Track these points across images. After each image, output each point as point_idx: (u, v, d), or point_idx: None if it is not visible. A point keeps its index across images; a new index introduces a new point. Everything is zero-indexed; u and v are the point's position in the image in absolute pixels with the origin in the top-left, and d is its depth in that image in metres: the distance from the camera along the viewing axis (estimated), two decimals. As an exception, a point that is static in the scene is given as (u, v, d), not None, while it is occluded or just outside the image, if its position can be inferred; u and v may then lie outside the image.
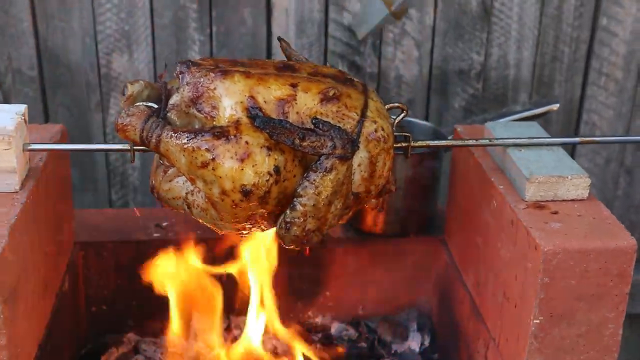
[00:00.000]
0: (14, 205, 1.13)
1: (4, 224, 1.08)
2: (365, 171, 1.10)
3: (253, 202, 1.05)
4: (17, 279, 1.10)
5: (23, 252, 1.13)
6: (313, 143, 1.03)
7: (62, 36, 1.73)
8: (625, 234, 1.12)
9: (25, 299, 1.15)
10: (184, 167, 1.05)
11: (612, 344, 1.16)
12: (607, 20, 1.83)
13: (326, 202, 1.06)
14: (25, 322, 1.15)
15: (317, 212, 1.06)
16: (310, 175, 1.05)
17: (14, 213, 1.11)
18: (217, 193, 1.04)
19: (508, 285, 1.21)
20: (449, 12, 1.79)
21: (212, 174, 1.03)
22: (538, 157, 1.24)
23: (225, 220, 1.08)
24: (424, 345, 1.57)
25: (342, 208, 1.10)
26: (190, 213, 1.12)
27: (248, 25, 1.76)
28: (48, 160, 1.26)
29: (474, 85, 1.86)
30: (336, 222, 1.13)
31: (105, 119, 1.80)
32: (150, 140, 1.06)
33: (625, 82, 1.88)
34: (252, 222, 1.09)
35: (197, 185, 1.06)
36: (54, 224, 1.32)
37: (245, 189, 1.03)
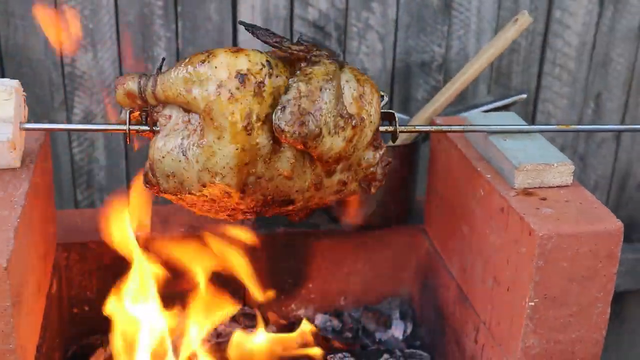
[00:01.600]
0: (14, 208, 1.13)
1: (9, 228, 1.08)
2: (354, 89, 1.17)
3: (249, 92, 1.09)
4: (21, 283, 1.11)
5: (24, 255, 1.14)
6: (300, 47, 1.14)
7: (24, 35, 1.71)
8: (612, 218, 1.20)
9: (27, 301, 1.15)
10: (181, 88, 1.11)
11: (601, 322, 1.24)
12: (560, 12, 1.92)
13: (318, 87, 1.11)
14: (27, 324, 1.16)
15: (310, 95, 1.11)
16: (301, 66, 1.15)
17: (16, 216, 1.11)
18: (213, 90, 1.09)
19: (499, 270, 1.27)
20: (411, 6, 1.85)
21: (208, 68, 1.10)
22: (523, 146, 1.31)
23: (224, 138, 1.10)
24: (407, 333, 1.63)
25: (337, 115, 1.13)
26: (187, 161, 1.13)
27: (214, 21, 1.78)
28: (37, 161, 1.26)
29: (436, 77, 1.92)
30: (333, 194, 1.21)
31: (70, 117, 1.79)
32: (147, 85, 1.13)
33: (578, 72, 1.98)
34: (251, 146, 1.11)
35: (193, 103, 1.10)
36: (43, 224, 1.32)
37: (241, 73, 1.09)
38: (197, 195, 1.15)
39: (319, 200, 1.22)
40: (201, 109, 1.10)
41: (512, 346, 1.24)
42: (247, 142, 1.10)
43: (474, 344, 1.39)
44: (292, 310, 1.66)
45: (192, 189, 1.15)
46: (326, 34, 1.83)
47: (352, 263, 1.63)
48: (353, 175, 1.21)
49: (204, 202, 1.17)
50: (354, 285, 1.66)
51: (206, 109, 1.10)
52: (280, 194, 1.17)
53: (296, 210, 1.23)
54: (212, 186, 1.13)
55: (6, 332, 1.05)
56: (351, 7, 1.82)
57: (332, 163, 1.17)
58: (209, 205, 1.18)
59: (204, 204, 1.18)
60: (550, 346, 1.23)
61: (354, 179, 1.22)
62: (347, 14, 1.82)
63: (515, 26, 1.47)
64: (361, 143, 1.19)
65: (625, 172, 2.12)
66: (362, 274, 1.65)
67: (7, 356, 1.06)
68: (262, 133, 1.11)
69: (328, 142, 1.13)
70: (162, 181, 1.16)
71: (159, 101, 1.15)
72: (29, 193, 1.17)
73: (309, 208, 1.24)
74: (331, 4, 1.81)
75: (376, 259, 1.65)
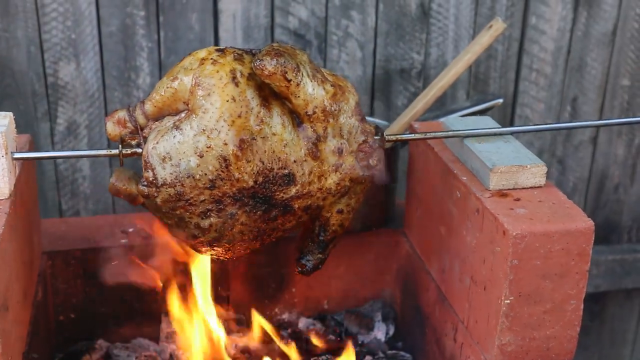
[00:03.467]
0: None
1: (-6, 235, 1.11)
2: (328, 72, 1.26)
3: (230, 57, 1.18)
4: (6, 289, 1.13)
5: (9, 262, 1.16)
6: None
7: (6, 46, 1.73)
8: (583, 217, 1.24)
9: (12, 308, 1.18)
10: (166, 85, 1.18)
11: (574, 319, 1.27)
12: (535, 19, 1.97)
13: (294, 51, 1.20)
14: (13, 331, 1.18)
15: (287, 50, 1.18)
16: None
17: (1, 223, 1.14)
18: (196, 65, 1.17)
19: (476, 270, 1.31)
20: (390, 14, 1.89)
21: (188, 58, 1.19)
22: (497, 149, 1.35)
23: (214, 93, 1.15)
24: (389, 335, 1.66)
25: (314, 69, 1.21)
26: (180, 132, 1.16)
27: (195, 30, 1.81)
28: (22, 170, 1.29)
29: (415, 83, 1.96)
30: (333, 172, 1.24)
31: (53, 128, 1.81)
32: (135, 107, 1.20)
33: (554, 76, 2.03)
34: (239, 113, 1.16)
35: (180, 87, 1.17)
36: (28, 233, 1.35)
37: (219, 49, 1.19)
38: (195, 171, 1.15)
39: (319, 183, 1.23)
40: (188, 88, 1.16)
41: (489, 344, 1.28)
42: (236, 94, 1.15)
43: (453, 343, 1.42)
44: (276, 315, 1.69)
45: (190, 165, 1.15)
46: (307, 42, 1.87)
47: (334, 267, 1.66)
48: (347, 146, 1.24)
49: (202, 191, 1.17)
50: (336, 289, 1.69)
51: (193, 84, 1.15)
52: (278, 162, 1.19)
53: (299, 202, 1.23)
54: (209, 151, 1.15)
55: (-8, 339, 1.08)
56: (331, 16, 1.86)
57: (320, 119, 1.21)
58: (209, 203, 1.18)
59: (204, 199, 1.18)
60: (525, 343, 1.26)
61: (348, 152, 1.25)
62: (327, 22, 1.87)
63: (489, 32, 1.51)
64: (347, 106, 1.23)
65: (602, 175, 2.16)
66: (344, 277, 1.69)
67: (-7, 362, 1.09)
68: (249, 88, 1.17)
69: (309, 85, 1.18)
70: (159, 170, 1.16)
71: (148, 117, 1.20)
72: (12, 202, 1.20)
73: (310, 197, 1.24)
74: (311, 12, 1.85)
75: (358, 262, 1.68)
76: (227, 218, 1.20)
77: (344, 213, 1.30)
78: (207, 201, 1.18)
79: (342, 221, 1.31)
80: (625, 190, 2.20)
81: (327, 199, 1.26)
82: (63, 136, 1.82)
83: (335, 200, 1.27)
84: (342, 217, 1.30)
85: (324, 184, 1.24)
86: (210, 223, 1.20)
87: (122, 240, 1.57)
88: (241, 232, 1.22)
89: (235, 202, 1.19)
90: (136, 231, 1.59)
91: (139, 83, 1.82)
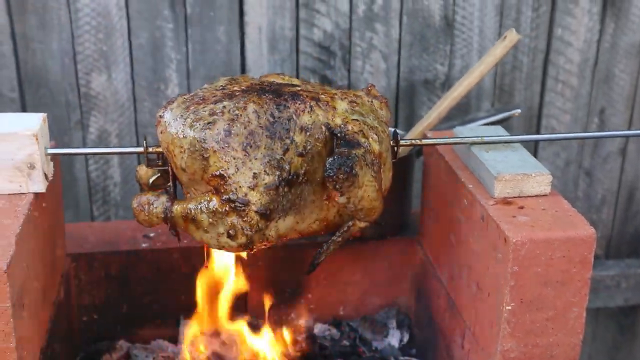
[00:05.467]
0: (17, 217, 1.22)
1: (10, 234, 1.17)
2: None
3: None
4: (22, 287, 1.19)
5: (26, 261, 1.22)
6: None
7: (42, 57, 1.81)
8: (585, 225, 1.25)
9: (28, 306, 1.23)
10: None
11: (577, 326, 1.28)
12: (561, 30, 1.98)
13: None
14: (29, 327, 1.24)
15: None
16: None
17: (19, 224, 1.20)
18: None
19: (481, 276, 1.33)
20: (414, 26, 1.92)
21: None
22: (504, 157, 1.36)
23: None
24: (403, 342, 1.68)
25: None
26: None
27: (222, 43, 1.87)
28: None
29: (439, 94, 1.98)
30: None
31: (85, 137, 1.89)
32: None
33: (581, 88, 2.03)
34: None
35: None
36: (50, 235, 1.41)
37: None
38: None
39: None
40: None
41: (492, 350, 1.29)
42: None
43: (461, 349, 1.44)
44: (292, 320, 1.72)
45: None
46: (331, 53, 1.91)
47: (349, 274, 1.69)
48: None
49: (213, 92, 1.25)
50: (352, 295, 1.72)
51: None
52: None
53: (305, 92, 1.26)
54: None
55: (6, 332, 1.13)
56: (355, 28, 1.90)
57: None
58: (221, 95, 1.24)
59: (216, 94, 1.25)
60: (528, 350, 1.27)
61: None
62: (351, 34, 1.90)
63: (504, 43, 1.53)
64: None
65: (632, 186, 2.15)
66: (360, 284, 1.71)
67: (7, 354, 1.14)
68: None
69: None
70: None
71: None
72: (32, 203, 1.27)
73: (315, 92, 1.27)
74: (336, 24, 1.89)
75: (373, 269, 1.71)
76: (239, 99, 1.22)
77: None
78: (218, 95, 1.25)
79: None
80: (656, 203, 2.18)
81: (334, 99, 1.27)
82: (94, 144, 1.89)
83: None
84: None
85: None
86: (224, 105, 1.21)
87: (143, 244, 1.62)
88: (255, 112, 1.20)
89: (244, 93, 1.24)
90: (157, 236, 1.64)
91: (167, 94, 1.88)
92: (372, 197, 1.23)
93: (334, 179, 1.20)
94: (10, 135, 1.26)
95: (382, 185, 1.25)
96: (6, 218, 1.21)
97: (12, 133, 1.26)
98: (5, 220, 1.20)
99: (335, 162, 1.19)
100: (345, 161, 1.19)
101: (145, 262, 1.60)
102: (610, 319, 2.26)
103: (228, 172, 1.18)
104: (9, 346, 1.14)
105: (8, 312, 1.13)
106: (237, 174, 1.18)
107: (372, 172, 1.21)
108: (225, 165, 1.18)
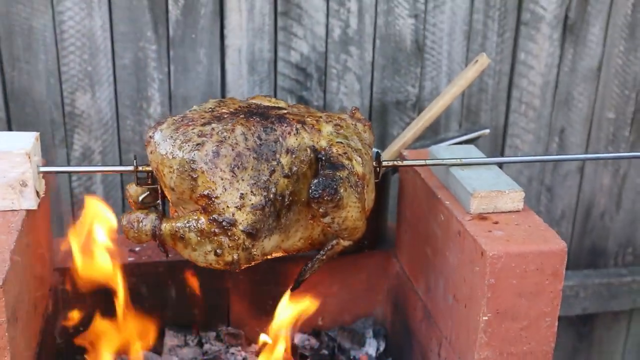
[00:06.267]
0: (10, 232, 1.20)
1: (5, 250, 1.15)
2: None
3: None
4: (16, 300, 1.17)
5: (20, 276, 1.20)
6: None
7: (28, 77, 1.79)
8: (557, 239, 1.27)
9: (21, 319, 1.21)
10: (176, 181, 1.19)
11: (549, 335, 1.30)
12: (524, 55, 2.01)
13: None
14: (22, 340, 1.22)
15: None
16: None
17: (12, 240, 1.18)
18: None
19: (458, 288, 1.34)
20: (386, 49, 1.93)
21: None
22: (478, 175, 1.38)
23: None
24: (380, 350, 1.68)
25: None
26: None
27: (204, 64, 1.86)
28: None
29: (410, 114, 2.00)
30: None
31: (69, 154, 1.86)
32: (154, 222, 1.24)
33: (542, 109, 2.06)
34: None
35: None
36: (40, 250, 1.39)
37: None
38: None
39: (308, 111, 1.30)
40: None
41: (469, 358, 1.30)
42: None
43: (437, 357, 1.45)
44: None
45: None
46: (308, 75, 1.92)
47: (328, 286, 1.69)
48: None
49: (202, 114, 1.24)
50: (330, 306, 1.71)
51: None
52: None
53: (292, 116, 1.25)
54: None
55: (1, 346, 1.11)
56: (330, 50, 1.91)
57: None
58: (210, 117, 1.23)
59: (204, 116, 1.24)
60: (503, 357, 1.28)
61: None
62: (327, 57, 1.91)
63: (475, 67, 1.55)
64: None
65: (589, 202, 2.19)
66: (338, 296, 1.71)
67: (2, 367, 1.12)
68: None
69: None
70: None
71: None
72: (25, 220, 1.25)
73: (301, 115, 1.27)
74: (312, 47, 1.89)
75: (351, 282, 1.71)
76: (227, 122, 1.21)
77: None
78: (207, 117, 1.24)
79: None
80: (611, 217, 2.22)
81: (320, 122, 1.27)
82: (78, 162, 1.86)
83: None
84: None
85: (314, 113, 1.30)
86: (212, 127, 1.20)
87: (129, 258, 1.60)
88: (243, 134, 1.20)
89: (232, 115, 1.24)
90: (143, 250, 1.62)
91: (150, 112, 1.87)
92: (355, 217, 1.23)
93: (319, 200, 1.19)
94: (3, 154, 1.24)
95: (365, 206, 1.25)
96: (0, 234, 1.19)
97: (5, 152, 1.24)
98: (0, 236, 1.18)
99: (320, 183, 1.19)
100: (330, 183, 1.19)
101: (130, 275, 1.58)
102: (570, 327, 2.29)
103: (216, 192, 1.17)
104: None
105: (3, 327, 1.11)
106: (224, 194, 1.17)
107: (355, 193, 1.21)
108: (213, 186, 1.17)
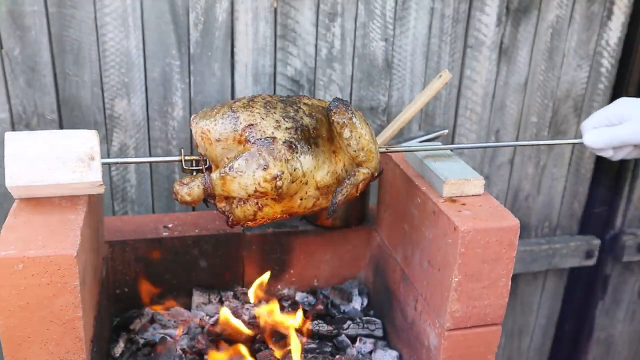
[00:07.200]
0: (78, 213, 1.17)
1: (76, 227, 1.12)
2: None
3: None
4: (84, 268, 1.14)
5: (86, 248, 1.17)
6: None
7: (76, 87, 1.74)
8: (511, 217, 1.28)
9: (88, 282, 1.19)
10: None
11: (504, 292, 1.31)
12: (469, 71, 2.02)
13: None
14: (89, 300, 1.19)
15: None
16: None
17: (80, 218, 1.15)
18: None
19: (432, 256, 1.35)
20: (363, 66, 1.93)
21: None
22: (448, 167, 1.38)
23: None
24: (364, 305, 1.68)
25: None
26: None
27: (217, 76, 1.83)
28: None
29: (381, 118, 2.00)
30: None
31: (109, 149, 1.82)
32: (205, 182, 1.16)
33: (483, 114, 2.08)
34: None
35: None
36: (96, 226, 1.36)
37: None
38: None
39: None
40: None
41: (442, 311, 1.31)
42: None
43: (414, 311, 1.45)
44: (279, 290, 1.70)
45: None
46: (300, 85, 1.90)
47: (322, 254, 1.68)
48: None
49: None
50: (324, 270, 1.71)
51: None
52: None
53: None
54: None
55: (75, 304, 1.09)
56: (318, 66, 1.89)
57: None
58: None
59: None
60: (469, 310, 1.30)
61: None
62: (316, 71, 1.90)
63: (440, 79, 1.55)
64: None
65: (517, 188, 2.22)
66: (330, 262, 1.70)
67: (76, 322, 1.09)
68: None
69: None
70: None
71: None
72: (87, 202, 1.21)
73: None
74: (304, 63, 1.88)
75: (340, 251, 1.71)
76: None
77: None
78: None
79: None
80: (533, 199, 2.26)
81: None
82: (116, 155, 1.82)
83: None
84: None
85: None
86: (239, 100, 1.19)
87: (164, 233, 1.57)
88: (268, 97, 1.20)
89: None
90: (174, 226, 1.60)
91: (174, 115, 1.83)
92: (368, 139, 1.21)
93: (337, 110, 1.18)
94: (75, 133, 1.19)
95: (373, 136, 1.23)
96: (71, 214, 1.16)
97: (77, 130, 1.20)
98: (70, 215, 1.15)
99: (336, 100, 1.19)
100: (344, 101, 1.20)
101: (165, 247, 1.55)
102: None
103: (255, 121, 1.15)
104: (77, 315, 1.09)
105: (77, 289, 1.08)
106: (262, 122, 1.15)
107: (364, 122, 1.21)
108: (252, 118, 1.15)
